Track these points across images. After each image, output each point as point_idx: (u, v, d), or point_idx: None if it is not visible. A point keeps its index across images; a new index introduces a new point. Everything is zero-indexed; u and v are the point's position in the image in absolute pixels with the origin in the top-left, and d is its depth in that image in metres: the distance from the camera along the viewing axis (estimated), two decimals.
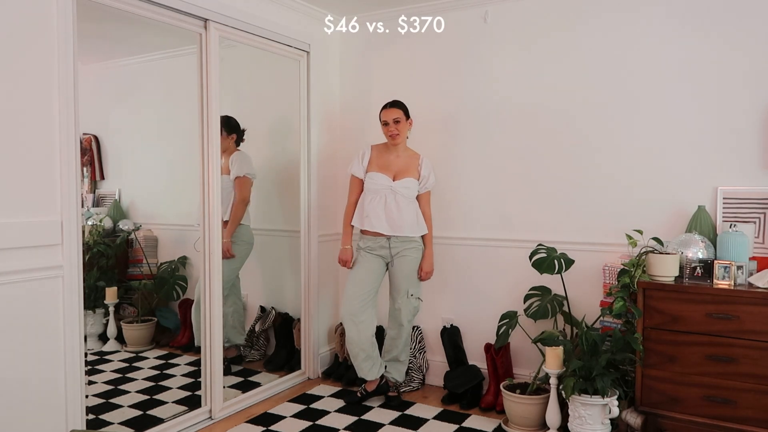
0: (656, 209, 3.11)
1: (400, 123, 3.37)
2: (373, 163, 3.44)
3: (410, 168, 3.42)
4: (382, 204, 3.36)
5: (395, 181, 3.37)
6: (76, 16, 2.43)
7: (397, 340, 3.48)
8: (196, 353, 3.36)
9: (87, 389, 2.68)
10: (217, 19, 3.10)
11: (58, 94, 2.37)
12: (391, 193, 3.36)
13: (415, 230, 3.39)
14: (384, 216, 3.35)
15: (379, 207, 3.36)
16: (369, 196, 3.40)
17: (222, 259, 3.23)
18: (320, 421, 3.19)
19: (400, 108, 3.40)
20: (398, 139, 3.38)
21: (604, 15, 3.22)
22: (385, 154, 3.45)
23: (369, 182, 3.40)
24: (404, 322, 3.45)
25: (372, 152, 3.48)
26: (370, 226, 3.37)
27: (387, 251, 3.39)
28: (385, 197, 3.36)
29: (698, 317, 2.63)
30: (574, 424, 2.79)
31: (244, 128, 3.73)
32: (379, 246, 3.39)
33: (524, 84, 3.45)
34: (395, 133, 3.36)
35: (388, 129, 3.37)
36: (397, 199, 3.35)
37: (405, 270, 3.40)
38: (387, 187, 3.36)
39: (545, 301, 3.17)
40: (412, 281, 3.44)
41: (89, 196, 3.73)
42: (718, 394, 2.61)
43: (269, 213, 4.13)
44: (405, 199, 3.37)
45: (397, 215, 3.34)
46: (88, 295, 3.53)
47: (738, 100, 2.91)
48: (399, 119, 3.37)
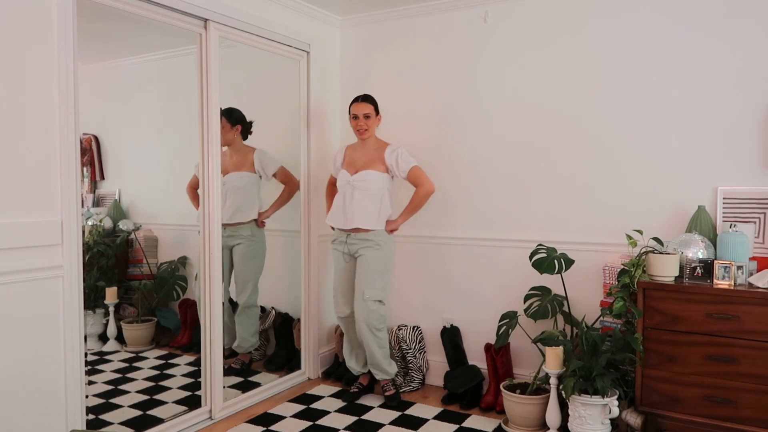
0: (656, 209, 3.11)
1: (369, 118, 3.37)
2: (344, 162, 3.51)
3: (373, 160, 3.39)
4: (342, 200, 3.42)
5: (353, 176, 3.39)
6: (76, 16, 2.43)
7: (364, 345, 3.40)
8: (196, 353, 3.36)
9: (87, 389, 2.67)
10: (217, 19, 3.10)
11: (58, 95, 2.37)
12: (349, 188, 3.38)
13: (367, 223, 3.32)
14: (342, 210, 3.40)
15: (339, 203, 3.43)
16: (337, 194, 3.49)
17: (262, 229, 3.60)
18: (320, 421, 3.19)
19: (371, 103, 3.40)
20: (366, 135, 3.39)
21: (605, 15, 3.22)
22: (355, 151, 3.49)
23: (338, 180, 3.48)
24: (361, 325, 3.35)
25: (346, 152, 3.54)
26: (330, 220, 3.49)
27: (347, 247, 3.43)
28: (344, 193, 3.41)
29: (698, 317, 2.64)
30: (574, 424, 2.79)
31: (251, 120, 3.74)
32: (340, 241, 3.47)
33: (524, 84, 3.45)
34: (364, 129, 3.36)
35: (357, 123, 3.37)
36: (354, 193, 3.36)
37: (360, 270, 3.38)
38: (346, 182, 3.40)
39: (545, 301, 3.16)
40: (368, 282, 3.34)
41: (89, 196, 3.73)
42: (718, 394, 2.61)
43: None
44: (362, 192, 3.34)
45: (349, 208, 3.35)
46: (88, 295, 3.52)
47: (738, 100, 2.91)
48: (369, 114, 3.37)
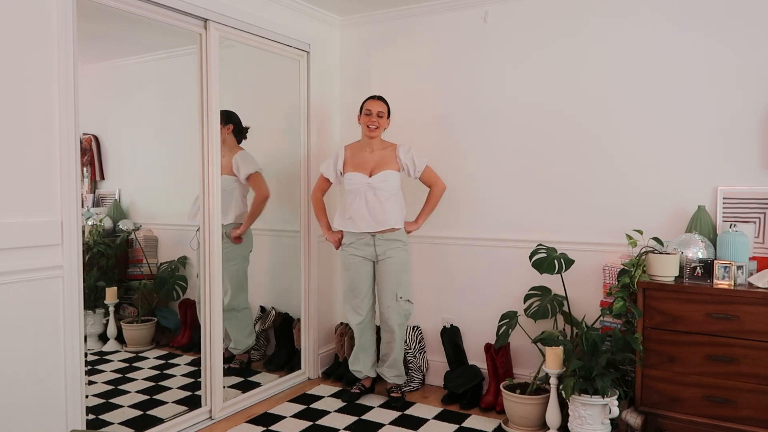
0: (656, 209, 3.11)
1: (382, 118, 3.37)
2: (348, 164, 3.41)
3: (387, 160, 3.38)
4: (364, 202, 3.32)
5: (371, 177, 3.34)
6: (76, 16, 2.43)
7: (392, 344, 3.48)
8: (196, 353, 3.36)
9: (87, 389, 2.67)
10: (217, 19, 3.10)
11: (58, 95, 2.37)
12: (371, 190, 3.33)
13: (398, 222, 3.36)
14: (367, 213, 3.32)
15: (361, 206, 3.32)
16: (350, 197, 3.37)
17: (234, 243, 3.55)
18: (320, 421, 3.19)
19: (386, 104, 3.40)
20: (376, 132, 3.37)
21: (605, 16, 3.22)
22: (359, 152, 3.42)
23: (347, 183, 3.38)
24: (395, 326, 3.42)
25: (346, 152, 3.45)
26: (355, 227, 3.34)
27: (372, 250, 3.37)
28: (365, 195, 3.33)
29: (698, 317, 2.63)
30: (574, 424, 2.79)
31: (248, 126, 3.73)
32: (364, 244, 3.37)
33: (524, 84, 3.45)
34: (375, 126, 3.34)
35: (370, 119, 3.35)
36: (377, 194, 3.32)
37: (391, 272, 3.38)
38: (365, 184, 3.33)
39: (545, 301, 3.16)
40: (400, 283, 3.40)
41: (89, 196, 3.73)
42: (718, 394, 2.61)
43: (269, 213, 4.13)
44: (385, 193, 3.33)
45: (380, 210, 3.31)
46: (88, 295, 3.52)
47: (738, 99, 2.91)
48: (383, 113, 3.37)
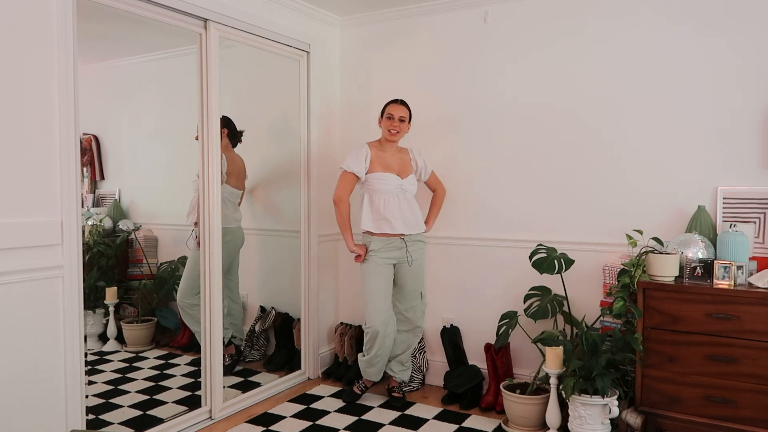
0: (656, 209, 3.11)
1: (404, 122, 3.36)
2: (374, 163, 3.33)
3: (407, 164, 3.43)
4: (398, 205, 3.31)
5: (403, 180, 3.36)
6: (76, 16, 2.43)
7: (412, 340, 3.55)
8: (196, 353, 3.36)
9: (87, 389, 2.67)
10: (217, 19, 3.10)
11: (58, 95, 2.37)
12: (402, 192, 3.35)
13: (422, 225, 3.46)
14: (402, 215, 3.32)
15: (395, 208, 3.30)
16: (382, 197, 3.29)
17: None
18: (320, 421, 3.19)
19: (408, 109, 3.40)
20: (397, 137, 3.36)
21: (605, 15, 3.22)
22: (380, 152, 3.38)
23: (379, 183, 3.29)
24: (419, 323, 3.54)
25: (371, 151, 3.37)
26: (390, 229, 3.30)
27: (403, 252, 3.35)
28: (398, 197, 3.33)
29: (698, 317, 2.63)
30: (574, 424, 2.79)
31: (242, 129, 3.73)
32: (395, 247, 3.33)
33: (524, 84, 3.45)
34: (396, 131, 3.34)
35: (392, 123, 3.32)
36: (407, 197, 3.37)
37: (418, 272, 3.45)
38: (398, 186, 3.33)
39: (545, 301, 3.16)
40: (422, 283, 3.52)
41: (89, 196, 3.73)
42: (718, 394, 2.61)
43: (269, 213, 4.13)
44: (412, 197, 3.41)
45: (410, 214, 3.36)
46: (88, 295, 3.52)
47: (738, 99, 2.91)
48: (404, 118, 3.36)
